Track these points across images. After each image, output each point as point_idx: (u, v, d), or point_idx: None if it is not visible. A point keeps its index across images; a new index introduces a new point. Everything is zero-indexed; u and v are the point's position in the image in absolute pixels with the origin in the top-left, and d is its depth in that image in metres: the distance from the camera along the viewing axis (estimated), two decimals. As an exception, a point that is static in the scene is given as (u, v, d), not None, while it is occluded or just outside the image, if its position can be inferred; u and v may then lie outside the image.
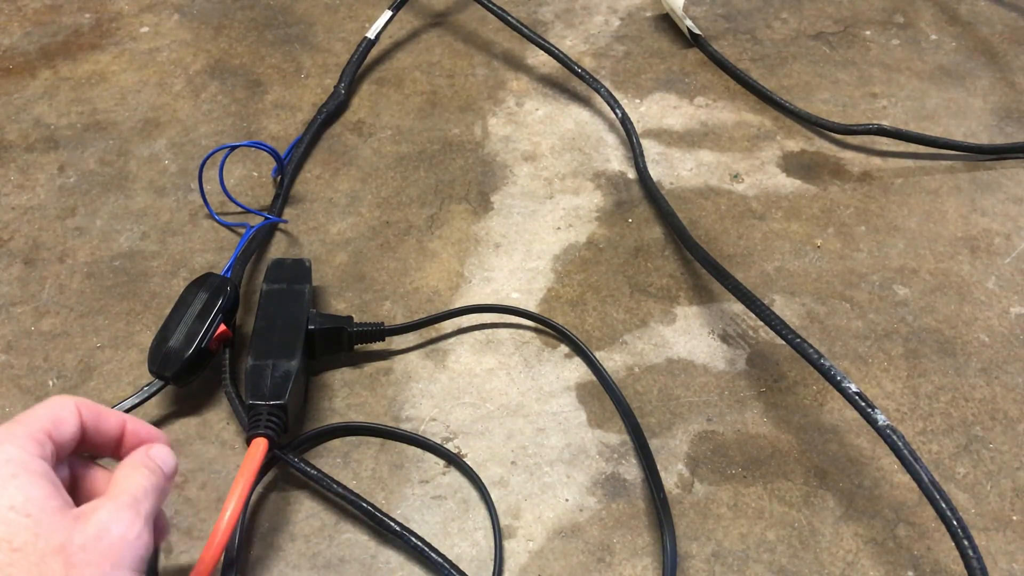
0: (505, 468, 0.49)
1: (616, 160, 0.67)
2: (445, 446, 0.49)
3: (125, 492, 0.34)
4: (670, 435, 0.50)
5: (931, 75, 0.75)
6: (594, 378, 0.53)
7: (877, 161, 0.67)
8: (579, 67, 0.71)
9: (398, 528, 0.45)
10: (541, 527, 0.46)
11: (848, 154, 0.68)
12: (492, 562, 0.45)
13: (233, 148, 0.62)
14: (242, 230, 0.60)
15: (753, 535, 0.46)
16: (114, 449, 0.38)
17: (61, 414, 0.35)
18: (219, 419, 0.51)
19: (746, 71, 0.74)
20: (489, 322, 0.56)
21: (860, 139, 0.69)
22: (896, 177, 0.66)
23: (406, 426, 0.51)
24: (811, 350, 0.47)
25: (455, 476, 0.48)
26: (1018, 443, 0.50)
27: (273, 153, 0.61)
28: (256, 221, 0.59)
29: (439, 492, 0.48)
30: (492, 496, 0.47)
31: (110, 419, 0.37)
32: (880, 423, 0.43)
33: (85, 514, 0.32)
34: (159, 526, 0.36)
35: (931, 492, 0.41)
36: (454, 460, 0.49)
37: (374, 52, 0.75)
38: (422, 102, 0.72)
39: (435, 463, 0.49)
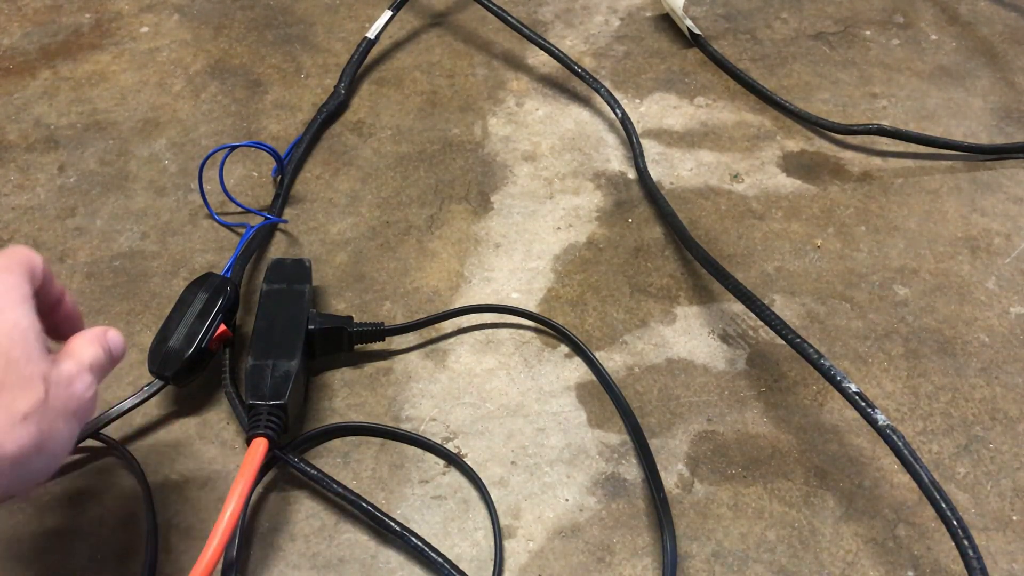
0: (505, 468, 0.49)
1: (616, 160, 0.67)
2: (445, 446, 0.49)
3: (85, 358, 0.37)
4: (670, 435, 0.50)
5: (931, 75, 0.75)
6: (594, 378, 0.53)
7: (877, 161, 0.67)
8: (579, 67, 0.71)
9: (398, 528, 0.45)
10: (541, 527, 0.46)
11: (848, 154, 0.68)
12: (492, 562, 0.45)
13: (233, 148, 0.62)
14: (242, 230, 0.60)
15: (753, 535, 0.46)
16: (49, 311, 0.40)
17: (35, 260, 0.38)
18: (219, 419, 0.51)
19: (746, 71, 0.74)
20: (489, 322, 0.56)
21: (860, 139, 0.69)
22: (896, 177, 0.66)
23: (406, 426, 0.51)
24: (811, 350, 0.47)
25: (455, 476, 0.48)
26: (1018, 443, 0.50)
27: (273, 153, 0.61)
28: (256, 221, 0.59)
29: (439, 492, 0.48)
30: (492, 496, 0.47)
31: (55, 283, 0.40)
32: (880, 423, 0.43)
33: (57, 360, 0.36)
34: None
35: (931, 492, 0.41)
36: (454, 460, 0.49)
37: (374, 52, 0.75)
38: (422, 102, 0.72)
39: (435, 463, 0.49)
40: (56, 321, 0.41)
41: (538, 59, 0.76)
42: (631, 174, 0.66)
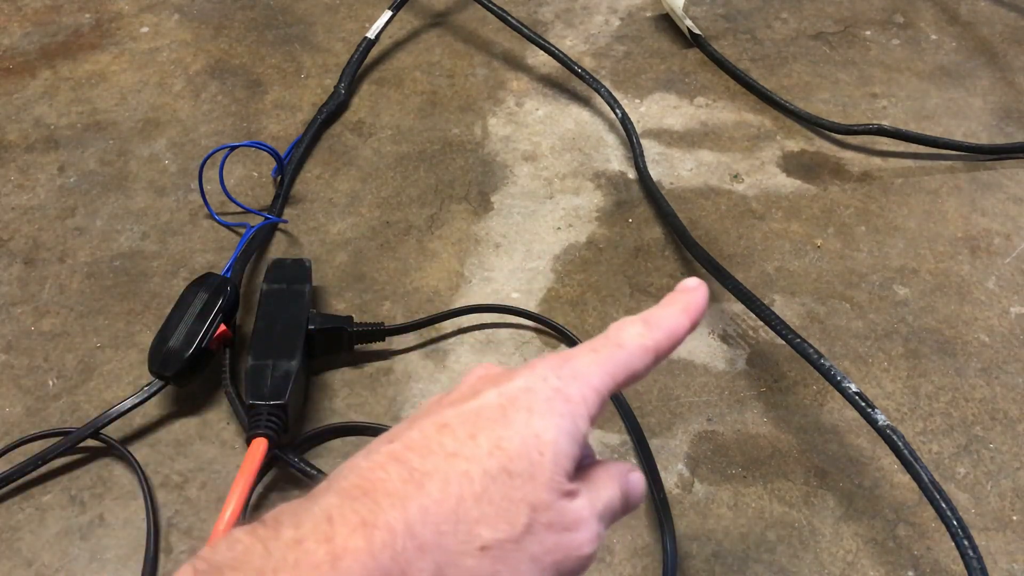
0: (505, 468, 0.49)
1: (616, 160, 0.67)
2: (445, 446, 0.49)
3: (600, 502, 0.29)
4: (670, 435, 0.50)
5: (931, 75, 0.75)
6: (594, 378, 0.53)
7: (877, 161, 0.67)
8: (579, 67, 0.71)
9: (398, 528, 0.45)
10: (541, 527, 0.46)
11: (848, 154, 0.68)
12: (492, 562, 0.45)
13: (233, 148, 0.62)
14: (242, 230, 0.60)
15: (753, 535, 0.46)
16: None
17: (638, 368, 0.30)
18: (219, 419, 0.51)
19: (746, 71, 0.74)
20: (489, 322, 0.56)
21: (860, 139, 0.69)
22: (896, 177, 0.66)
23: (406, 426, 0.50)
24: (811, 350, 0.47)
25: (455, 476, 0.48)
26: (1018, 443, 0.50)
27: (273, 153, 0.61)
28: (256, 221, 0.59)
29: (439, 492, 0.48)
30: (492, 496, 0.47)
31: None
32: (880, 423, 0.43)
33: (568, 497, 0.28)
34: None
35: (931, 492, 0.41)
36: (454, 460, 0.49)
37: (374, 52, 0.75)
38: (422, 102, 0.72)
39: (435, 463, 0.49)
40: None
41: (538, 59, 0.76)
42: (631, 174, 0.66)
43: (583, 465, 0.30)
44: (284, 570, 0.23)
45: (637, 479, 0.31)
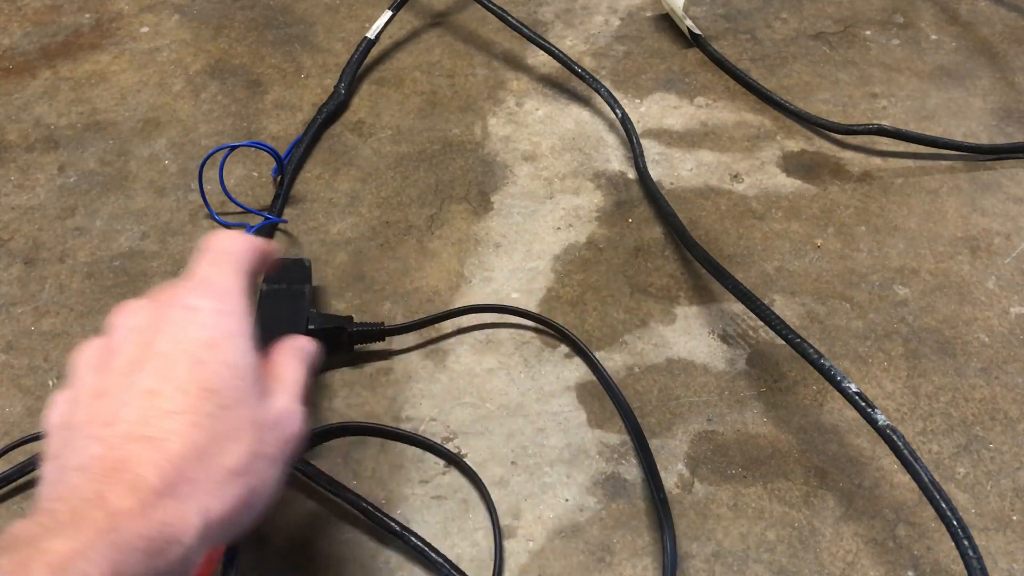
0: (505, 468, 0.49)
1: (616, 160, 0.67)
2: (445, 446, 0.49)
3: (294, 384, 0.35)
4: (670, 435, 0.50)
5: (931, 75, 0.75)
6: (594, 378, 0.53)
7: (877, 161, 0.67)
8: (579, 67, 0.71)
9: (398, 528, 0.45)
10: (541, 527, 0.46)
11: (848, 154, 0.68)
12: (492, 562, 0.45)
13: (233, 148, 0.62)
14: (242, 230, 0.60)
15: (753, 535, 0.46)
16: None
17: (255, 249, 0.35)
18: (219, 419, 0.51)
19: (746, 71, 0.74)
20: (489, 322, 0.56)
21: (860, 139, 0.69)
22: (896, 177, 0.66)
23: (406, 426, 0.51)
24: (811, 350, 0.47)
25: (455, 476, 0.48)
26: (1018, 443, 0.50)
27: (273, 153, 0.61)
28: (256, 221, 0.59)
29: (439, 492, 0.48)
30: (492, 496, 0.47)
31: (266, 255, 0.38)
32: (880, 423, 0.43)
33: (267, 396, 0.33)
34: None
35: (931, 492, 0.41)
36: (454, 460, 0.49)
37: (374, 52, 0.75)
38: (422, 102, 0.72)
39: (435, 463, 0.49)
40: None
41: (538, 59, 0.76)
42: (631, 174, 0.66)
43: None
44: (62, 530, 0.26)
45: (310, 347, 0.37)
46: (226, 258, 0.35)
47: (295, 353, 0.37)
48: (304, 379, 0.36)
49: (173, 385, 0.30)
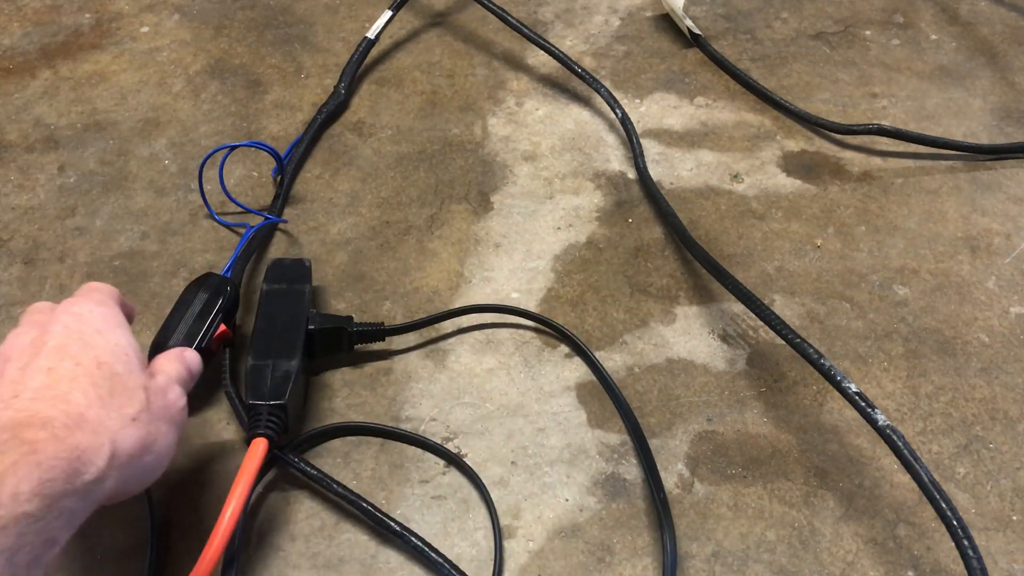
0: (505, 468, 0.49)
1: (616, 160, 0.67)
2: (445, 446, 0.49)
3: (172, 370, 0.42)
4: (670, 435, 0.50)
5: (931, 75, 0.75)
6: (594, 378, 0.53)
7: (877, 161, 0.67)
8: (579, 67, 0.71)
9: (398, 528, 0.45)
10: (541, 527, 0.46)
11: (848, 154, 0.68)
12: (492, 562, 0.45)
13: (233, 148, 0.62)
14: (242, 230, 0.60)
15: (753, 535, 0.46)
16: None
17: (115, 292, 0.44)
18: (219, 419, 0.51)
19: (746, 71, 0.74)
20: (489, 322, 0.56)
21: (860, 139, 0.69)
22: (896, 177, 0.66)
23: (406, 426, 0.51)
24: (811, 350, 0.47)
25: (455, 476, 0.48)
26: (1018, 443, 0.50)
27: (273, 153, 0.61)
28: (256, 221, 0.59)
29: (439, 492, 0.48)
30: (492, 496, 0.47)
31: (127, 306, 0.45)
32: (880, 423, 0.43)
33: (152, 375, 0.41)
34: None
35: (931, 492, 0.41)
36: (454, 460, 0.49)
37: (374, 52, 0.75)
38: (422, 102, 0.72)
39: (435, 463, 0.49)
40: None
41: (538, 59, 0.76)
42: (631, 174, 0.66)
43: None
44: None
45: (191, 354, 0.45)
46: (94, 287, 0.43)
47: (174, 354, 0.44)
48: (183, 374, 0.43)
49: (69, 361, 0.37)
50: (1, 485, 0.30)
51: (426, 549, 0.44)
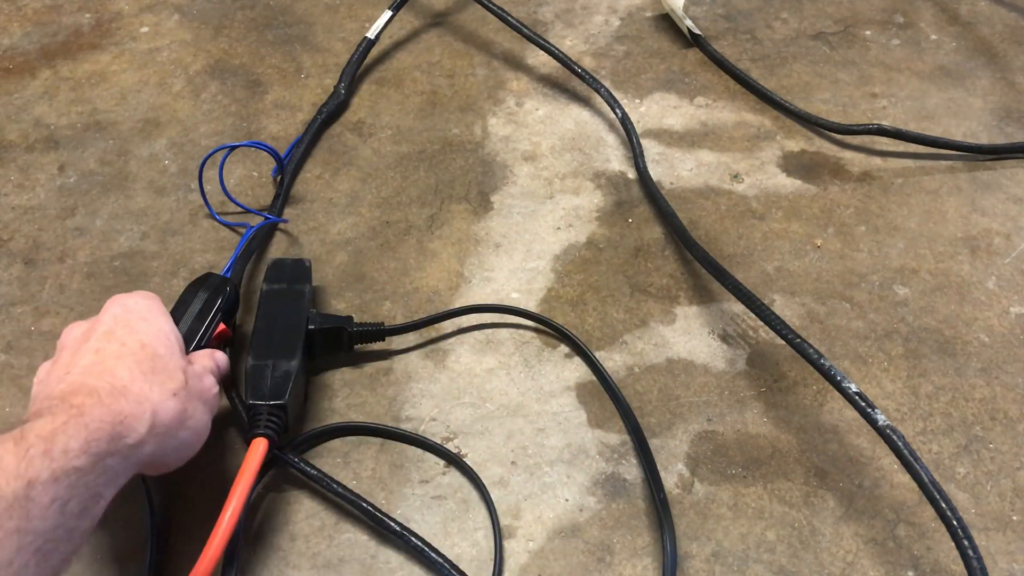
0: (505, 468, 0.49)
1: (616, 160, 0.67)
2: (445, 446, 0.49)
3: (210, 361, 0.46)
4: (670, 435, 0.50)
5: (931, 75, 0.75)
6: (594, 378, 0.53)
7: (877, 161, 0.67)
8: (579, 67, 0.71)
9: (398, 528, 0.45)
10: (541, 527, 0.46)
11: (848, 154, 0.68)
12: (492, 562, 0.45)
13: (233, 148, 0.62)
14: (242, 230, 0.60)
15: (753, 535, 0.46)
16: None
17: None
18: (219, 419, 0.51)
19: (746, 71, 0.74)
20: (489, 322, 0.56)
21: (860, 139, 0.69)
22: (896, 177, 0.66)
23: (406, 426, 0.51)
24: (811, 350, 0.47)
25: (455, 476, 0.48)
26: (1018, 443, 0.50)
27: (273, 153, 0.61)
28: (256, 221, 0.59)
29: (439, 492, 0.48)
30: (492, 496, 0.47)
31: None
32: (880, 423, 0.43)
33: (191, 361, 0.44)
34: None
35: (931, 492, 0.41)
36: (454, 460, 0.49)
37: (374, 52, 0.75)
38: (422, 102, 0.72)
39: (435, 463, 0.49)
40: None
41: (538, 59, 0.76)
42: (631, 174, 0.66)
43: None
44: (42, 418, 0.34)
45: (220, 356, 0.47)
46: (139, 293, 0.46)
47: (207, 352, 0.47)
48: (214, 368, 0.46)
49: (115, 343, 0.40)
50: (53, 442, 0.33)
51: (426, 549, 0.44)
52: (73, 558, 0.34)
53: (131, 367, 0.39)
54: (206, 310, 0.50)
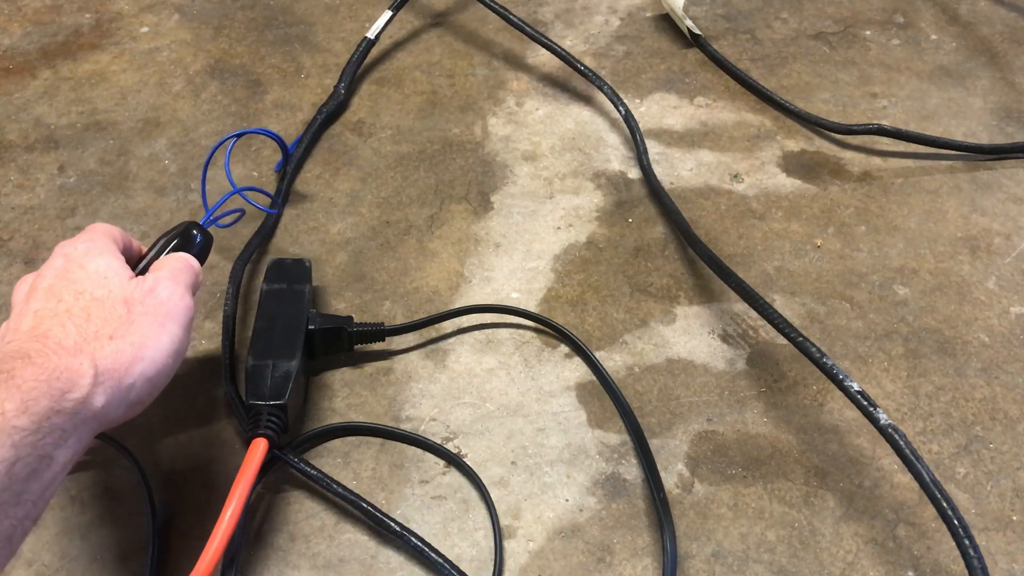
0: (505, 468, 0.49)
1: (616, 160, 0.67)
2: (445, 446, 0.49)
3: (165, 268, 0.44)
4: (670, 435, 0.50)
5: (931, 75, 0.75)
6: (594, 378, 0.53)
7: (877, 161, 0.67)
8: (581, 64, 0.71)
9: (398, 528, 0.45)
10: (541, 527, 0.46)
11: (848, 154, 0.68)
12: (492, 562, 0.45)
13: (240, 135, 0.61)
14: (242, 230, 0.60)
15: (753, 535, 0.46)
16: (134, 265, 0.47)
17: (113, 231, 0.45)
18: (219, 419, 0.51)
19: (746, 71, 0.74)
20: (489, 322, 0.56)
21: (860, 139, 0.69)
22: (896, 177, 0.66)
23: (406, 426, 0.51)
24: (813, 349, 0.47)
25: (455, 476, 0.48)
26: (1018, 443, 0.50)
27: (280, 142, 0.61)
28: (258, 202, 0.59)
29: (439, 492, 0.48)
30: (492, 496, 0.47)
31: (134, 245, 0.47)
32: (882, 422, 0.43)
33: (141, 279, 0.42)
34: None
35: (932, 491, 0.41)
36: (454, 460, 0.49)
37: (374, 52, 0.75)
38: (422, 102, 0.72)
39: (435, 463, 0.49)
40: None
41: (538, 59, 0.76)
42: (631, 174, 0.66)
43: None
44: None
45: (182, 257, 0.46)
46: (92, 226, 0.45)
47: (177, 256, 0.46)
48: (178, 267, 0.44)
49: (53, 300, 0.40)
50: None
51: (426, 549, 0.44)
52: (31, 526, 0.34)
53: (65, 323, 0.38)
54: (165, 241, 0.48)
